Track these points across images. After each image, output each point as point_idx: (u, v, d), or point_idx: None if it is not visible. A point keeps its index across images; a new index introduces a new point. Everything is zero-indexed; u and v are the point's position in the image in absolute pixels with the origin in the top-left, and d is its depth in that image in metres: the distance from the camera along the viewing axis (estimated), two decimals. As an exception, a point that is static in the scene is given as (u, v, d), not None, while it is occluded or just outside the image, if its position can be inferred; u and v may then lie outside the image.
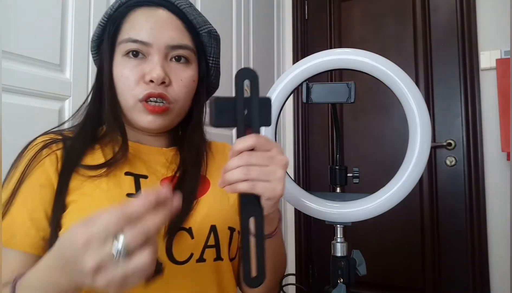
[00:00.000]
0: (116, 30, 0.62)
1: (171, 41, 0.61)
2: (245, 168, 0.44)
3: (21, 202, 0.54)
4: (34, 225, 0.54)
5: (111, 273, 0.35)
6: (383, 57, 0.54)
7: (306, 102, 0.56)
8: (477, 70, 1.78)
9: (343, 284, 0.55)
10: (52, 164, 0.57)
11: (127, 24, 0.62)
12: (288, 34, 2.31)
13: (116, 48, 0.62)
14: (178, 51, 0.62)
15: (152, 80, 0.58)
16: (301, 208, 0.57)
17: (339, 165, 0.60)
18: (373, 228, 1.95)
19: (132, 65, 0.60)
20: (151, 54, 0.60)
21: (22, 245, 0.53)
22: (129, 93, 0.60)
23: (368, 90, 1.91)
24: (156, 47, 0.60)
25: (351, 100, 0.54)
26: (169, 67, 0.61)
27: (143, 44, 0.60)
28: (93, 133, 0.62)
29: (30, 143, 0.60)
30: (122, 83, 0.60)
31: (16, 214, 0.54)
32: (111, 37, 0.62)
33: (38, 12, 0.93)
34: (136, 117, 0.61)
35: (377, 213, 0.54)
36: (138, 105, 0.60)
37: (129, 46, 0.60)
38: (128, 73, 0.60)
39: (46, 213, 0.55)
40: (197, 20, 0.65)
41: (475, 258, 1.74)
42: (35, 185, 0.56)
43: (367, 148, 2.04)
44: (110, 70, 0.62)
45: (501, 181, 1.70)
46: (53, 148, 0.59)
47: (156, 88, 0.59)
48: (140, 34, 0.60)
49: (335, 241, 0.58)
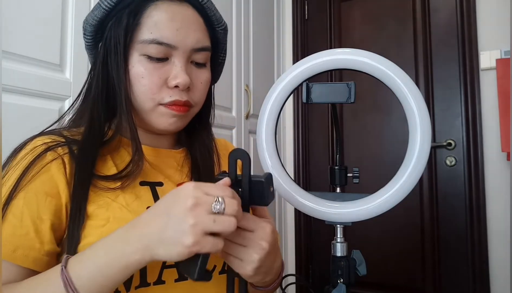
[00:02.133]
0: (136, 25, 0.55)
1: (196, 43, 0.57)
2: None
3: (24, 209, 0.49)
4: (39, 238, 0.48)
5: (205, 225, 0.40)
6: (383, 57, 0.54)
7: (306, 102, 0.56)
8: (477, 70, 1.78)
9: (343, 284, 0.55)
10: (59, 171, 0.52)
11: (149, 20, 0.55)
12: (288, 34, 2.31)
13: (134, 45, 0.56)
14: (201, 55, 0.59)
15: (178, 85, 0.55)
16: (301, 208, 0.57)
17: (339, 165, 0.60)
18: (373, 228, 1.95)
19: (153, 67, 0.55)
20: (174, 56, 0.56)
21: (25, 260, 0.48)
22: (149, 96, 0.56)
23: (368, 90, 1.91)
24: (181, 50, 0.56)
25: (351, 100, 0.54)
26: (191, 70, 0.58)
27: (169, 47, 0.55)
28: (101, 136, 0.57)
29: (27, 143, 0.54)
30: (142, 85, 0.55)
31: (18, 224, 0.48)
32: (131, 31, 0.55)
33: (38, 12, 0.93)
34: (155, 120, 0.58)
35: (377, 213, 0.54)
36: (159, 108, 0.57)
37: (153, 49, 0.55)
38: (148, 75, 0.55)
39: (52, 225, 0.50)
40: (216, 17, 0.61)
41: (475, 258, 1.74)
42: (39, 192, 0.50)
43: (367, 148, 2.04)
44: (124, 68, 0.55)
45: (501, 181, 1.70)
46: (59, 151, 0.53)
47: (182, 95, 0.56)
48: (165, 36, 0.54)
49: (335, 241, 0.58)
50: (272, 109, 0.59)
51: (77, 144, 0.55)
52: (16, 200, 0.49)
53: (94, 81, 0.58)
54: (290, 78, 0.58)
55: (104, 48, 0.57)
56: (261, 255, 0.46)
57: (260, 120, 0.60)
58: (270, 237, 0.47)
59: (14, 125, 0.84)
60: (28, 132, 0.58)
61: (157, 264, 0.53)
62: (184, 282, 0.55)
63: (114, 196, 0.53)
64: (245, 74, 1.86)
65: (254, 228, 0.47)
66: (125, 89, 0.56)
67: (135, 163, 0.55)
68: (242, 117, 1.84)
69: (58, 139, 0.55)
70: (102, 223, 0.50)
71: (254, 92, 1.94)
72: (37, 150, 0.52)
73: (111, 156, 0.58)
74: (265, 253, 0.47)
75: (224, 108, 1.71)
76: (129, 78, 0.56)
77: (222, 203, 0.41)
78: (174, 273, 0.55)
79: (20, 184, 0.49)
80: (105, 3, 0.56)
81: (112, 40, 0.56)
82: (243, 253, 0.47)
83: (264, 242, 0.47)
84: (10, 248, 0.47)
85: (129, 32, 0.55)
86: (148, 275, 0.52)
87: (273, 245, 0.49)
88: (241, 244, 0.47)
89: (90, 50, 0.62)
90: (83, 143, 0.54)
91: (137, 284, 0.52)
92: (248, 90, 1.89)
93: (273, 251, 0.49)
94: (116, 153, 0.58)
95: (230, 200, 0.42)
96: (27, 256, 0.48)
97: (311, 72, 0.57)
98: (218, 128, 1.62)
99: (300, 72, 0.57)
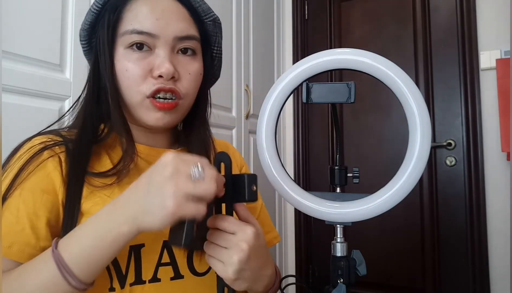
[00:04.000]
0: (117, 19, 0.56)
1: (179, 32, 0.57)
2: (207, 243, 0.49)
3: (20, 206, 0.49)
4: (35, 234, 0.49)
5: (185, 189, 0.41)
6: (383, 57, 0.54)
7: (306, 102, 0.56)
8: (477, 70, 1.78)
9: (343, 284, 0.55)
10: (56, 168, 0.53)
11: (130, 13, 0.56)
12: (288, 34, 2.31)
13: (118, 40, 0.56)
14: (186, 43, 0.58)
15: (161, 75, 0.55)
16: (301, 208, 0.57)
17: (339, 165, 0.60)
18: (373, 228, 1.95)
19: (136, 58, 0.55)
20: (158, 47, 0.56)
21: (21, 256, 0.48)
22: (135, 89, 0.56)
23: (368, 90, 1.91)
24: (163, 39, 0.55)
25: (351, 100, 0.54)
26: (177, 60, 0.57)
27: (149, 36, 0.55)
28: (94, 134, 0.58)
29: (25, 143, 0.55)
30: (126, 78, 0.56)
31: (14, 220, 0.49)
32: (111, 27, 0.56)
33: (38, 12, 0.93)
34: (143, 115, 0.57)
35: (377, 213, 0.54)
36: (146, 102, 0.56)
37: (133, 38, 0.55)
38: (133, 67, 0.55)
39: (49, 221, 0.50)
40: (202, 8, 0.61)
41: (475, 258, 1.74)
42: (35, 189, 0.50)
43: (367, 148, 2.04)
44: (111, 64, 0.56)
45: (501, 181, 1.70)
46: (56, 150, 0.54)
47: (166, 84, 0.55)
48: (145, 25, 0.55)
49: (335, 241, 0.58)
50: (272, 109, 0.58)
51: (72, 143, 0.56)
52: (13, 197, 0.50)
53: (88, 83, 0.60)
54: (290, 78, 0.58)
55: (95, 50, 0.59)
56: (240, 257, 0.46)
57: (260, 120, 0.59)
58: (252, 240, 0.47)
59: (14, 125, 0.84)
60: (28, 132, 0.59)
61: (153, 262, 0.54)
62: (179, 280, 0.56)
63: (110, 193, 0.54)
64: (245, 74, 1.86)
65: (235, 230, 0.47)
66: (113, 84, 0.56)
67: (127, 154, 0.55)
68: (242, 117, 1.84)
69: (55, 138, 0.56)
70: None
71: (254, 92, 1.94)
72: (34, 149, 0.53)
73: (107, 153, 0.58)
74: (245, 255, 0.46)
75: (224, 108, 1.71)
76: (115, 73, 0.56)
77: (201, 169, 0.42)
78: (170, 271, 0.55)
79: (16, 181, 0.50)
80: (94, 6, 0.57)
81: (100, 39, 0.58)
82: (224, 255, 0.47)
83: (244, 244, 0.46)
84: (6, 243, 0.48)
85: (111, 26, 0.56)
86: (143, 273, 0.53)
87: (256, 248, 0.48)
88: (223, 246, 0.47)
89: (88, 55, 0.63)
90: (76, 142, 0.55)
91: (132, 281, 0.52)
92: (248, 90, 1.89)
93: (257, 255, 0.49)
94: (112, 150, 0.58)
95: (208, 165, 0.44)
96: (23, 252, 0.48)
97: (311, 72, 0.57)
98: (218, 128, 1.62)
99: (300, 72, 0.57)
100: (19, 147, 0.55)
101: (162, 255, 0.55)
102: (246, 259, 0.46)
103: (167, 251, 0.55)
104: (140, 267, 0.52)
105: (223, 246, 0.47)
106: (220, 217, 0.49)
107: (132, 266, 0.52)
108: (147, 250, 0.53)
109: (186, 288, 0.56)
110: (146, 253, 0.53)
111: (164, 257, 0.55)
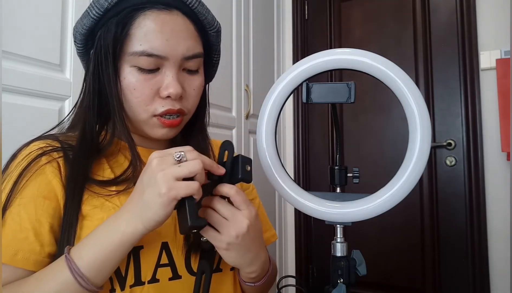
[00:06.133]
0: (125, 36, 0.54)
1: (187, 51, 0.56)
2: (208, 209, 0.50)
3: (22, 214, 0.50)
4: (39, 240, 0.50)
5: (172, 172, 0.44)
6: (383, 57, 0.54)
7: (306, 102, 0.56)
8: (477, 70, 1.78)
9: (343, 284, 0.55)
10: (55, 174, 0.53)
11: (138, 31, 0.54)
12: (288, 34, 2.31)
13: (124, 57, 0.55)
14: (192, 62, 0.58)
15: (170, 95, 0.55)
16: (301, 208, 0.57)
17: (339, 165, 0.60)
18: (373, 228, 1.95)
19: (144, 78, 0.55)
20: (166, 67, 0.56)
21: (26, 263, 0.49)
22: (143, 108, 0.56)
23: (368, 90, 1.91)
24: (172, 60, 0.55)
25: (351, 100, 0.54)
26: (183, 78, 0.58)
27: (159, 58, 0.54)
28: (95, 142, 0.58)
29: (22, 148, 0.55)
30: (134, 97, 0.56)
31: (17, 228, 0.49)
32: (120, 42, 0.55)
33: (38, 12, 0.93)
34: (149, 130, 0.59)
35: (377, 213, 0.54)
36: (153, 120, 0.57)
37: (143, 61, 0.54)
38: (140, 87, 0.55)
39: (51, 227, 0.51)
40: (208, 20, 0.61)
41: (475, 258, 1.74)
42: (36, 196, 0.51)
43: (367, 148, 2.04)
44: (116, 80, 0.55)
45: (501, 181, 1.71)
46: (54, 155, 0.54)
47: (174, 104, 0.56)
48: (155, 46, 0.54)
49: (335, 241, 0.58)
50: (272, 109, 0.58)
51: (72, 150, 0.56)
52: (14, 205, 0.50)
53: (87, 90, 0.59)
54: (290, 78, 0.57)
55: (94, 57, 0.57)
56: (238, 232, 0.49)
57: (260, 120, 0.59)
58: (254, 220, 0.51)
59: (14, 125, 0.84)
60: (28, 132, 0.59)
61: (152, 263, 0.54)
62: (177, 281, 0.56)
63: (111, 198, 0.55)
64: (245, 74, 1.86)
65: (243, 207, 0.50)
66: (118, 100, 0.56)
67: (135, 169, 0.56)
68: (242, 117, 1.84)
69: (53, 144, 0.56)
70: (97, 223, 0.51)
71: (254, 92, 1.94)
72: (32, 155, 0.53)
73: (107, 160, 0.59)
74: (244, 232, 0.49)
75: (224, 108, 1.71)
76: (120, 89, 0.56)
77: (183, 153, 0.47)
78: (168, 271, 0.56)
79: (16, 189, 0.51)
80: (94, 12, 0.55)
81: (102, 50, 0.55)
82: (223, 226, 0.49)
83: (247, 221, 0.49)
84: (11, 251, 0.48)
85: (119, 43, 0.55)
86: (143, 274, 0.53)
87: (254, 229, 0.51)
88: (225, 216, 0.49)
89: (82, 56, 0.62)
90: (77, 149, 0.56)
91: (132, 283, 0.52)
92: (248, 90, 1.89)
93: (254, 237, 0.52)
94: (113, 157, 0.59)
95: (191, 149, 0.48)
96: (28, 259, 0.49)
97: (311, 72, 0.57)
98: (218, 128, 1.62)
99: (300, 72, 0.57)
100: (17, 153, 0.55)
101: (161, 256, 0.55)
102: (243, 236, 0.49)
103: (165, 252, 0.56)
104: (139, 269, 0.53)
105: (226, 217, 0.50)
106: (235, 189, 0.51)
107: (131, 268, 0.52)
108: (146, 252, 0.54)
109: (184, 288, 0.56)
110: (145, 254, 0.54)
111: (163, 258, 0.56)
